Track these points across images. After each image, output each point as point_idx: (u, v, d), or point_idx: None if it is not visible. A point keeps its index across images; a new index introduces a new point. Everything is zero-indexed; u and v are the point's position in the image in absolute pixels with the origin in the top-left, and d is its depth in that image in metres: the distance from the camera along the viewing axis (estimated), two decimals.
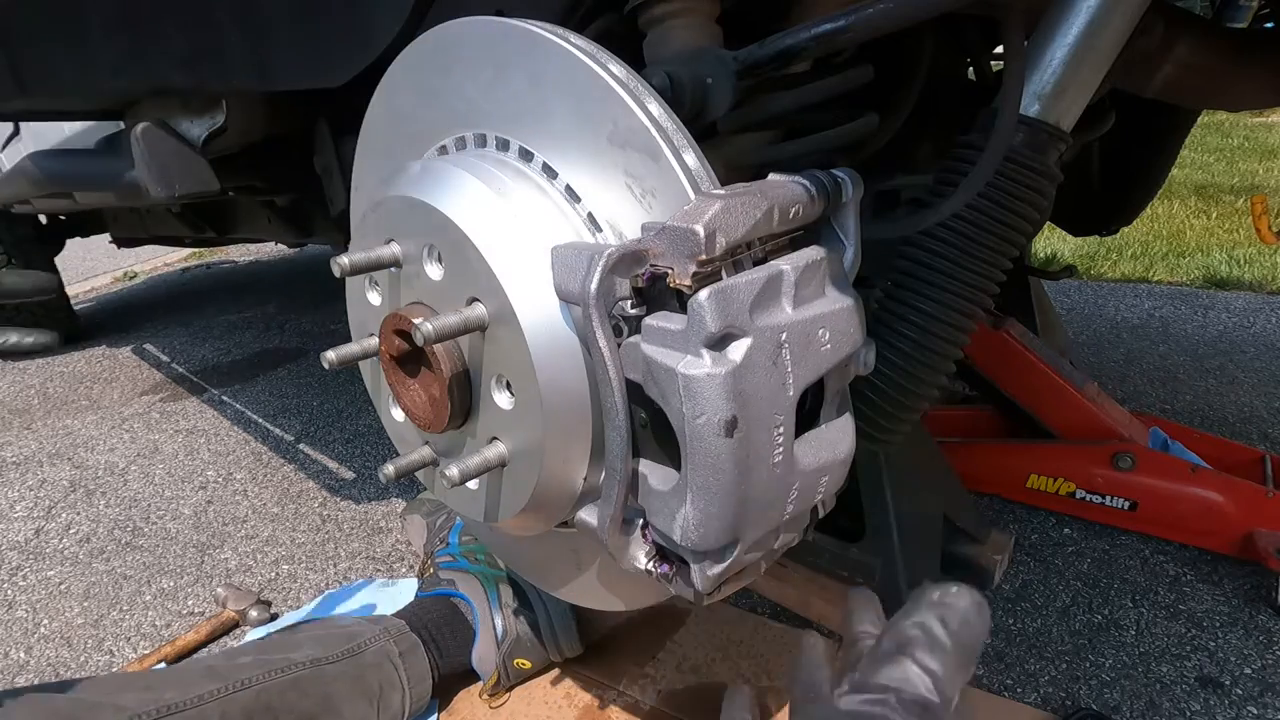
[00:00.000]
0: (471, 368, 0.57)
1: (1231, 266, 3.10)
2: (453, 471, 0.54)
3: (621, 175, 0.51)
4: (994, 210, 0.74)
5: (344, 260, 0.56)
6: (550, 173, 0.54)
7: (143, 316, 3.93)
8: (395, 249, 0.59)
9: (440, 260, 0.56)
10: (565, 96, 0.52)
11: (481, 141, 0.59)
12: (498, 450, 0.56)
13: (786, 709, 1.14)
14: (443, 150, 0.62)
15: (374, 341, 0.63)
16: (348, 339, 0.70)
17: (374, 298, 0.65)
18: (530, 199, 0.53)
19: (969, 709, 0.38)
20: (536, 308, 0.51)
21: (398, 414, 0.68)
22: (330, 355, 0.60)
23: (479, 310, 0.53)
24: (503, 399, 0.55)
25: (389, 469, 0.62)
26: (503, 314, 0.52)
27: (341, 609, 1.41)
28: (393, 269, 0.60)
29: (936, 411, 1.78)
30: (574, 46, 0.51)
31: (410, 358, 0.62)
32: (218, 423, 2.44)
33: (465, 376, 0.57)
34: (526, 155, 0.56)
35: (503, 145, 0.57)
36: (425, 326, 0.51)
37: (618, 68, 0.50)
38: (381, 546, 1.68)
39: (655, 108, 0.49)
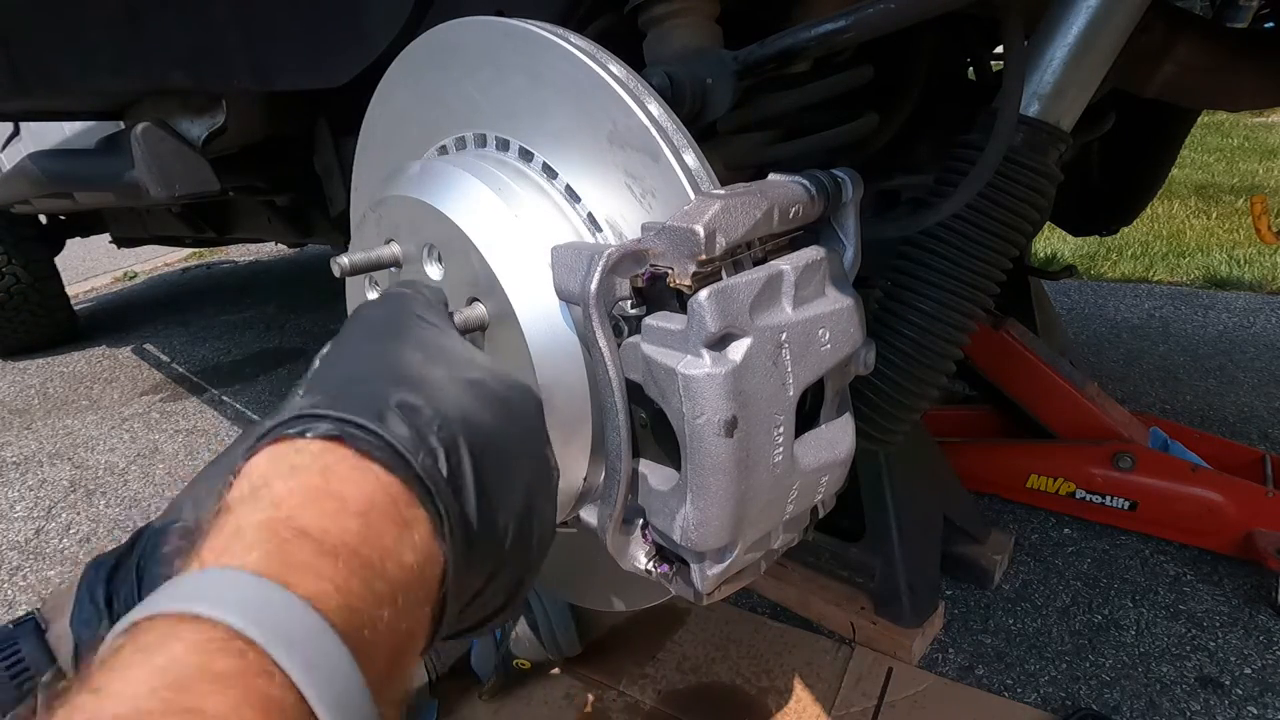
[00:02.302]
0: None
1: (1231, 266, 3.10)
2: None
3: (621, 175, 0.51)
4: (994, 210, 0.74)
5: (344, 260, 0.56)
6: (550, 173, 0.54)
7: (143, 316, 3.93)
8: (395, 249, 0.58)
9: (440, 260, 0.56)
10: (565, 96, 0.52)
11: (481, 141, 0.59)
12: None
13: (787, 709, 1.14)
14: (443, 150, 0.62)
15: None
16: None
17: (373, 296, 0.65)
18: (530, 199, 0.53)
19: None
20: (536, 308, 0.51)
21: None
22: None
23: (479, 310, 0.53)
24: None
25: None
26: (503, 314, 0.52)
27: None
28: (392, 269, 0.60)
29: (936, 411, 1.78)
30: (574, 46, 0.51)
31: None
32: (218, 423, 2.44)
33: None
34: (526, 155, 0.56)
35: (503, 145, 0.57)
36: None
37: (617, 67, 0.50)
38: None
39: (655, 107, 0.49)
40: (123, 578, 0.50)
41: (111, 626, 0.41)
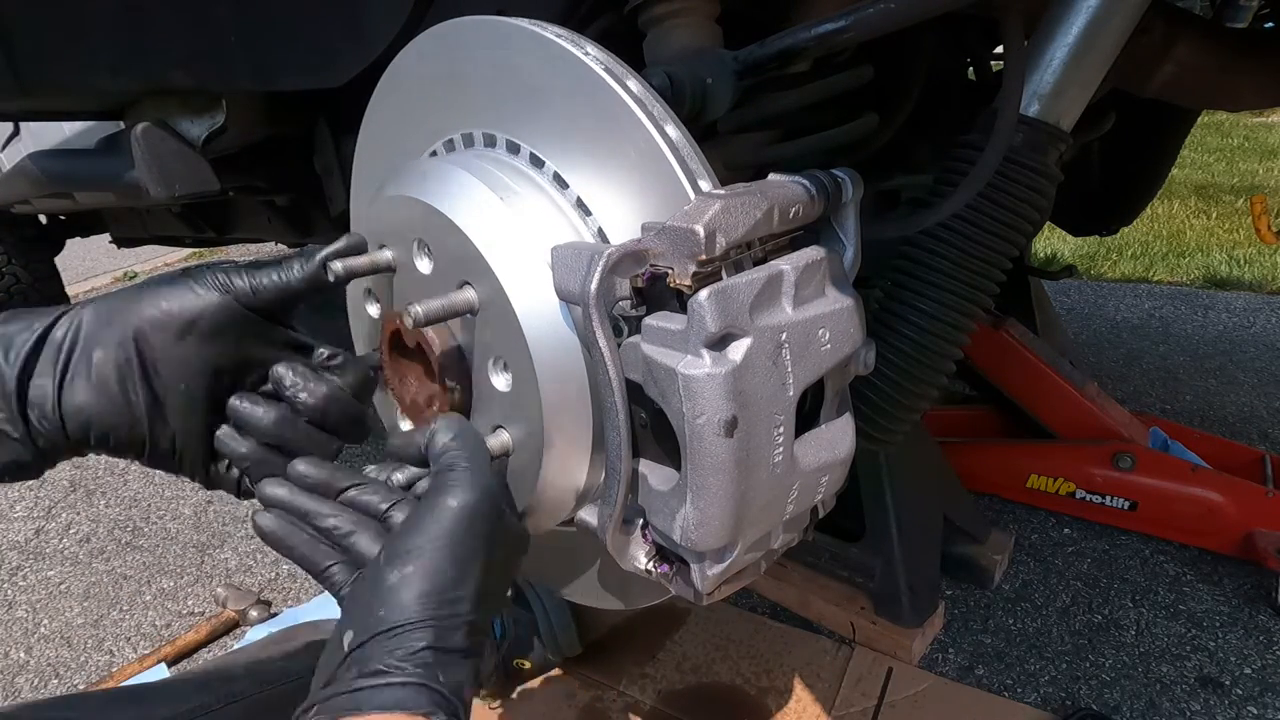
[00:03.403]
0: (467, 349, 0.57)
1: (1231, 266, 3.10)
2: None
3: (610, 160, 0.51)
4: (994, 210, 0.74)
5: (337, 266, 0.56)
6: (537, 162, 0.54)
7: None
8: (387, 255, 0.58)
9: (429, 254, 0.56)
10: (558, 91, 0.52)
11: (473, 140, 0.59)
12: (500, 440, 0.56)
13: (787, 709, 1.14)
14: (443, 148, 0.62)
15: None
16: (346, 337, 0.70)
17: (372, 310, 0.65)
18: (527, 196, 0.53)
19: None
20: (535, 306, 0.51)
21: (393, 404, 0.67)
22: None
23: (469, 294, 0.53)
24: (500, 381, 0.55)
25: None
26: (502, 313, 0.52)
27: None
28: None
29: (936, 411, 1.78)
30: (569, 44, 0.51)
31: (409, 354, 0.62)
32: None
33: (458, 352, 0.57)
34: (514, 148, 0.56)
35: (489, 141, 0.58)
36: (415, 310, 0.51)
37: (603, 54, 0.51)
38: None
39: (635, 84, 0.49)
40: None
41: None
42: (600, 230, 0.52)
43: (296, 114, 1.16)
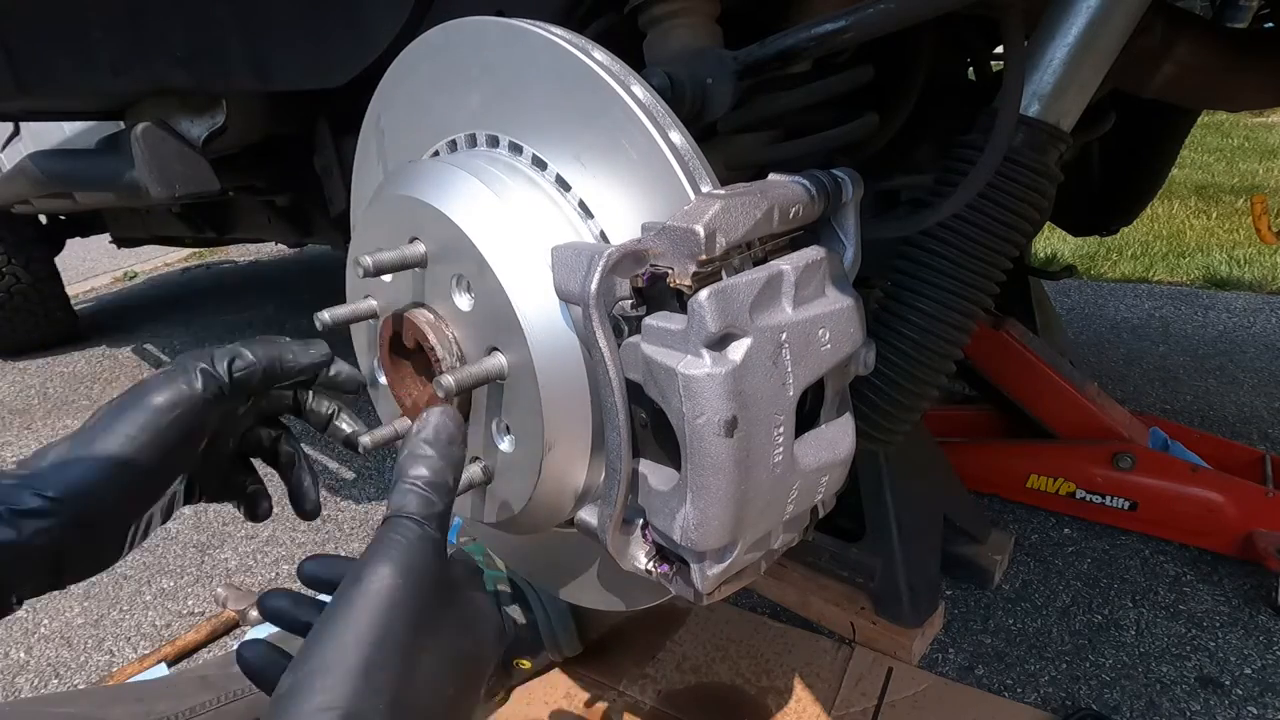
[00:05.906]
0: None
1: (1231, 266, 3.10)
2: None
3: (611, 159, 0.51)
4: (994, 210, 0.74)
5: (368, 260, 0.54)
6: (539, 164, 0.54)
7: (143, 316, 3.92)
8: (420, 248, 0.57)
9: (470, 289, 0.55)
10: (557, 90, 0.52)
11: (474, 141, 0.59)
12: (471, 474, 0.56)
13: (787, 709, 1.14)
14: (445, 149, 0.62)
15: (369, 303, 0.62)
16: (347, 338, 0.70)
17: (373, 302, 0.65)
18: (527, 196, 0.53)
19: None
20: (536, 307, 0.51)
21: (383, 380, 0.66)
22: (325, 316, 0.57)
23: (498, 360, 0.53)
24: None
25: (366, 439, 0.59)
26: (502, 314, 0.52)
27: None
28: (416, 269, 0.59)
29: (936, 411, 1.78)
30: (567, 42, 0.51)
31: (408, 354, 0.62)
32: None
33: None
34: (516, 149, 0.56)
35: (493, 142, 0.58)
36: (447, 381, 0.50)
37: (603, 57, 0.51)
38: None
39: (640, 91, 0.49)
40: None
41: None
42: (602, 233, 0.52)
43: (296, 114, 1.17)
